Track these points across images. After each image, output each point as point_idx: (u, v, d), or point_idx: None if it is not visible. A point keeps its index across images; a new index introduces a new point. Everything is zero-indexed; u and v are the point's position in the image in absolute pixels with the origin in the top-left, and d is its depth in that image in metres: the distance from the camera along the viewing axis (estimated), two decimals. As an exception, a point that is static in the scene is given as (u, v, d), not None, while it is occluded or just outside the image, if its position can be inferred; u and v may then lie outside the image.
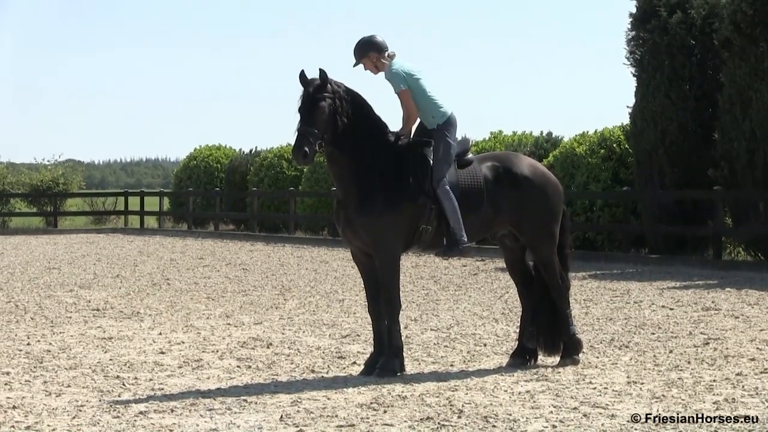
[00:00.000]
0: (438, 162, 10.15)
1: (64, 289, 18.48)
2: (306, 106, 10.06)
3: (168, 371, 10.49)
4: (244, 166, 39.37)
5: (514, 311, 14.22)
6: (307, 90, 10.08)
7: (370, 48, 10.33)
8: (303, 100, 10.11)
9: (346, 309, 15.35)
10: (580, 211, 25.95)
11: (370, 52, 10.32)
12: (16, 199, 43.84)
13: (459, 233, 10.10)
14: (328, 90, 10.07)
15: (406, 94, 10.24)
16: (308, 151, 9.97)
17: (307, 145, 9.96)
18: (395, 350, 10.14)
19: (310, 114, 10.01)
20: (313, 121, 9.99)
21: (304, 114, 10.07)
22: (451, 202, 10.10)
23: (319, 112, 9.99)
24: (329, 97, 10.05)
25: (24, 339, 12.60)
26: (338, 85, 10.18)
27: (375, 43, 10.35)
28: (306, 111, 10.04)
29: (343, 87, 10.21)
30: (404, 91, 10.23)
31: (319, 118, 9.99)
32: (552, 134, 30.21)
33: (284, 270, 22.21)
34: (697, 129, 23.69)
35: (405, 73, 10.23)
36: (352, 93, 10.24)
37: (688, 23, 23.86)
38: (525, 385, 9.62)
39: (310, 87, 10.07)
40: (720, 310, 14.81)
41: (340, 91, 10.14)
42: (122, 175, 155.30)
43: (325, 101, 10.02)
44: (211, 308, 15.57)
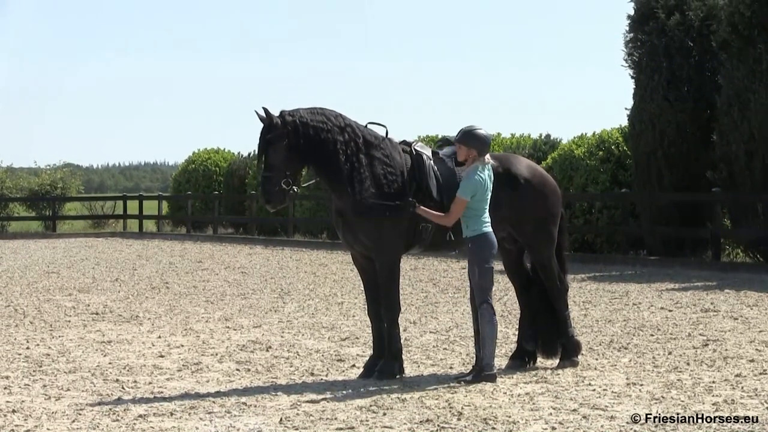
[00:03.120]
0: (477, 286, 9.82)
1: (63, 293, 18.47)
2: (259, 151, 10.06)
3: (167, 374, 10.48)
4: (243, 169, 39.35)
5: (513, 313, 14.22)
6: (261, 134, 10.01)
7: (475, 144, 9.89)
8: (258, 145, 10.11)
9: (345, 312, 15.35)
10: (579, 213, 25.95)
11: (473, 148, 9.89)
12: (15, 204, 43.82)
13: (489, 361, 9.77)
14: (278, 127, 9.95)
15: (463, 204, 9.80)
16: (273, 197, 9.96)
17: (270, 190, 9.96)
18: (394, 353, 10.14)
19: (265, 158, 9.99)
20: (270, 165, 9.96)
21: (258, 160, 10.13)
22: (492, 327, 9.78)
23: (273, 153, 9.93)
24: (281, 135, 9.92)
25: (23, 343, 12.60)
26: (292, 116, 10.03)
27: (482, 144, 9.90)
28: (260, 156, 10.06)
29: (299, 114, 10.03)
30: (464, 201, 9.79)
31: (275, 159, 9.94)
32: (550, 136, 30.24)
33: (283, 273, 22.20)
34: (696, 131, 23.71)
35: (480, 184, 9.79)
36: (312, 115, 10.06)
37: (686, 25, 23.89)
38: (524, 387, 9.63)
39: (263, 130, 9.99)
40: (719, 312, 14.81)
41: (295, 121, 9.98)
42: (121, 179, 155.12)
43: (278, 141, 9.92)
44: (210, 311, 15.57)
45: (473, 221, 9.82)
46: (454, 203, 9.84)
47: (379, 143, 10.27)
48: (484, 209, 9.86)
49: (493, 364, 9.79)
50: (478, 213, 9.82)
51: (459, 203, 9.80)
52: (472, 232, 9.82)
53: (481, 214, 9.83)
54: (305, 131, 10.01)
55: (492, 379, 9.73)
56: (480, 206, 9.83)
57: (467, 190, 9.78)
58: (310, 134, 10.02)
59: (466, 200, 9.78)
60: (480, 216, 9.83)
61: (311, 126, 10.04)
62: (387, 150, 10.28)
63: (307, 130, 10.01)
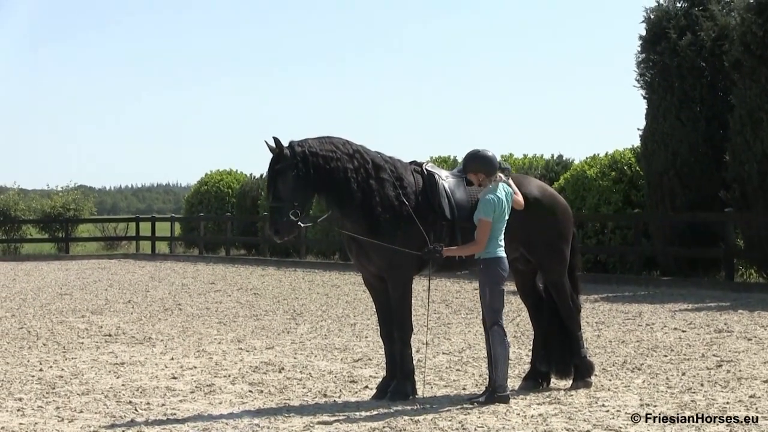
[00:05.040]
0: (488, 307, 9.79)
1: (76, 314, 18.49)
2: (268, 181, 10.07)
3: (180, 396, 10.48)
4: (255, 190, 39.39)
5: (526, 334, 14.19)
6: (270, 164, 10.03)
7: (480, 167, 9.91)
8: (267, 175, 10.11)
9: (357, 333, 15.34)
10: (592, 233, 25.92)
11: (480, 171, 9.91)
12: (28, 226, 43.96)
13: (502, 382, 9.75)
14: (287, 158, 9.96)
15: (487, 225, 9.75)
16: (281, 228, 9.94)
17: (278, 221, 9.94)
18: (407, 374, 10.12)
19: (274, 189, 9.99)
20: (279, 195, 9.96)
21: (267, 190, 10.12)
22: (504, 349, 9.75)
23: (281, 184, 9.94)
24: (290, 165, 9.93)
25: (36, 365, 12.61)
26: (301, 146, 10.04)
27: (487, 165, 9.90)
28: (269, 186, 10.05)
29: (308, 144, 10.04)
30: (487, 222, 9.75)
31: (284, 190, 9.94)
32: (563, 157, 30.23)
33: (296, 294, 22.20)
34: (708, 151, 23.68)
35: (496, 203, 9.78)
36: (321, 145, 10.07)
37: (698, 45, 23.89)
38: (537, 408, 9.60)
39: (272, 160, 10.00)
40: (733, 332, 14.76)
41: (304, 151, 9.98)
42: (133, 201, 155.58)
43: (287, 171, 9.92)
44: (222, 333, 15.57)
45: (489, 242, 9.80)
46: (479, 226, 9.76)
47: (388, 166, 10.27)
48: (501, 230, 9.83)
49: (506, 386, 9.76)
50: (494, 234, 9.80)
51: (484, 225, 9.73)
52: (486, 254, 9.78)
53: (497, 235, 9.81)
54: (315, 161, 10.00)
55: (505, 401, 9.70)
56: (497, 227, 9.81)
57: (487, 210, 9.74)
58: (319, 163, 10.01)
59: (489, 220, 9.73)
60: (496, 237, 9.80)
61: (321, 155, 10.03)
62: (397, 171, 10.28)
63: (316, 159, 10.01)
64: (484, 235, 9.73)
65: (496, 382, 9.74)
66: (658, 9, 24.82)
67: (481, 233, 9.74)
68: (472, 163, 9.91)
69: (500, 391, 9.72)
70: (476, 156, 9.92)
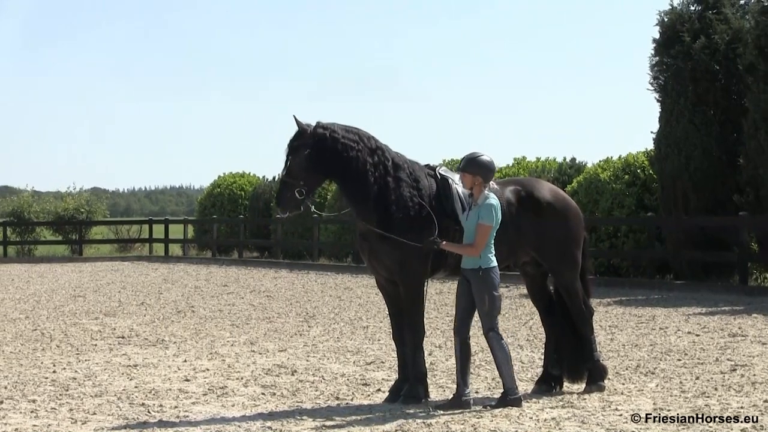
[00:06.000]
0: (485, 314, 9.79)
1: (89, 316, 18.54)
2: (286, 156, 10.18)
3: (193, 398, 10.49)
4: (268, 193, 39.43)
5: (538, 338, 14.17)
6: (290, 140, 10.17)
7: (479, 170, 9.83)
8: (286, 150, 10.23)
9: (370, 336, 15.33)
10: (605, 237, 25.88)
11: (478, 174, 9.83)
12: (42, 228, 44.10)
13: (510, 384, 9.74)
14: (305, 136, 10.08)
15: (487, 230, 9.69)
16: (283, 202, 10.12)
17: (284, 194, 10.12)
18: (420, 377, 10.12)
19: (287, 163, 10.14)
20: (290, 171, 10.10)
21: (284, 164, 10.23)
22: (504, 353, 9.76)
23: (294, 160, 10.08)
24: (305, 144, 10.05)
25: (50, 367, 12.64)
26: (324, 128, 10.13)
27: (487, 170, 9.85)
28: (285, 161, 10.18)
29: (332, 129, 10.12)
30: (489, 227, 9.70)
31: (295, 166, 10.08)
32: (576, 160, 30.18)
33: (308, 297, 22.21)
34: (722, 154, 23.63)
35: (497, 210, 9.75)
36: (345, 132, 10.16)
37: (712, 48, 23.84)
38: (550, 411, 9.58)
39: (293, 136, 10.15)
40: (747, 336, 14.72)
41: (325, 134, 10.08)
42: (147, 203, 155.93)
43: (302, 149, 10.05)
44: (235, 335, 15.58)
45: (485, 249, 9.76)
46: (480, 231, 9.71)
47: (407, 167, 10.31)
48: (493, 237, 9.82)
49: (515, 387, 9.74)
50: (490, 240, 9.80)
51: (484, 230, 9.70)
52: (485, 263, 9.73)
53: (492, 242, 9.81)
54: (333, 145, 10.08)
55: (518, 404, 9.68)
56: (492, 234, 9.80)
57: (490, 215, 9.71)
58: (337, 149, 10.09)
59: (491, 226, 9.71)
60: (491, 244, 9.80)
61: (341, 141, 10.11)
62: (415, 173, 10.30)
63: (335, 144, 10.09)
64: (483, 240, 9.71)
65: (505, 385, 9.73)
66: (672, 12, 24.77)
67: (480, 237, 9.71)
68: (473, 165, 9.88)
69: (511, 394, 9.70)
70: (478, 160, 9.86)
